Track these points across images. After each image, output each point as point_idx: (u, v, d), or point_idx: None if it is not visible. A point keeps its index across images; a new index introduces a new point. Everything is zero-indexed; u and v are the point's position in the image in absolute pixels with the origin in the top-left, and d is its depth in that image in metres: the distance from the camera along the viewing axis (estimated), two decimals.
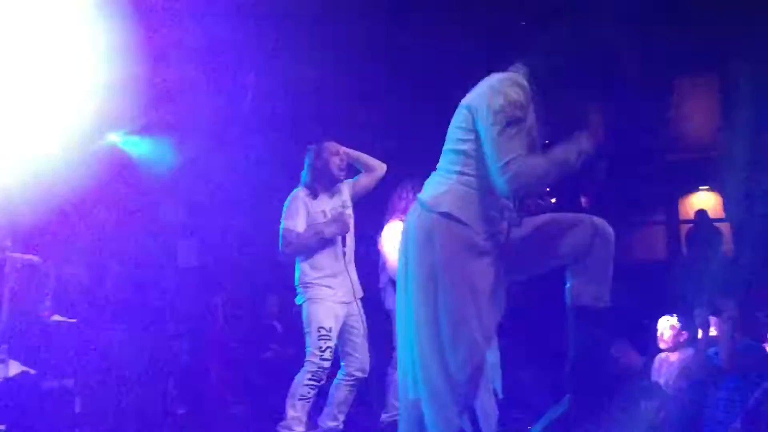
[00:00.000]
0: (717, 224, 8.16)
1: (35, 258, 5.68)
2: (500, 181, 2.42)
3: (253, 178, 6.88)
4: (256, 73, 6.64)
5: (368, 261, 5.50)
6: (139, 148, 7.32)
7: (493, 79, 2.50)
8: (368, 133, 6.60)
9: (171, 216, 7.55)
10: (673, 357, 5.12)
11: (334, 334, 4.31)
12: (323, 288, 4.38)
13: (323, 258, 4.43)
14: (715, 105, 8.19)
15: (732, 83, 7.50)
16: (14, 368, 4.78)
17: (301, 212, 4.42)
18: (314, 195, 4.47)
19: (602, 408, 2.72)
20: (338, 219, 4.41)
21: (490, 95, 2.45)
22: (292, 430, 4.22)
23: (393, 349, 5.18)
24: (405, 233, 2.60)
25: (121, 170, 7.17)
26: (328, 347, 4.25)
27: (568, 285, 2.70)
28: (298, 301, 4.48)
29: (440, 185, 2.55)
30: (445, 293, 2.45)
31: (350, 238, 4.55)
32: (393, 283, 5.17)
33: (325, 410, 4.46)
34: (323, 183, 4.51)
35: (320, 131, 4.87)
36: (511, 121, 2.39)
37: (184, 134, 7.09)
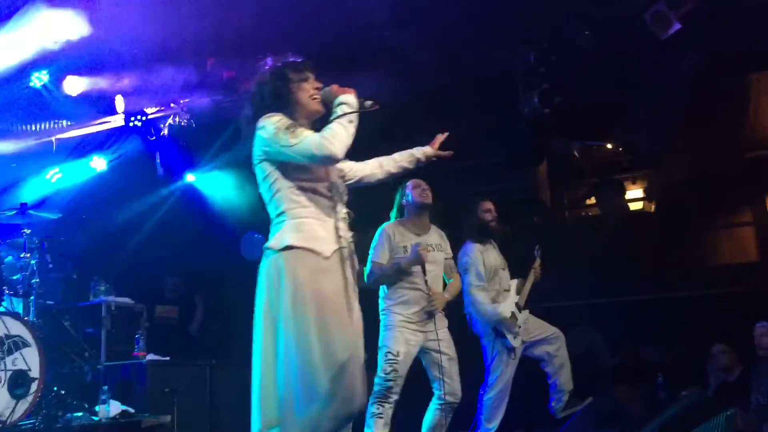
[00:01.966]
0: None
1: (128, 300, 5.93)
2: (325, 159, 2.79)
3: None
4: None
5: None
6: (214, 185, 7.56)
7: (256, 132, 2.90)
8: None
9: (251, 251, 7.74)
10: None
11: (402, 359, 4.42)
12: (396, 315, 4.52)
13: (401, 287, 4.55)
14: None
15: None
16: (115, 408, 4.97)
17: (384, 241, 4.60)
18: (405, 228, 4.64)
19: None
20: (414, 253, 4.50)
21: (262, 135, 2.85)
22: None
23: (485, 372, 5.17)
24: (260, 281, 2.82)
25: (199, 208, 7.43)
26: (393, 370, 4.40)
27: None
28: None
29: (276, 230, 2.84)
30: (308, 318, 2.67)
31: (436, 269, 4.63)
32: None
33: None
34: (409, 216, 4.69)
35: None
36: (289, 127, 2.81)
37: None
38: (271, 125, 2.83)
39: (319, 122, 2.95)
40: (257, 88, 3.02)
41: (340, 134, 2.79)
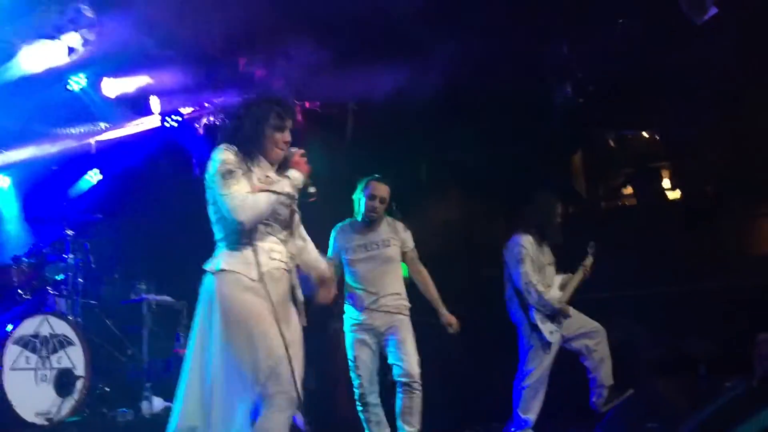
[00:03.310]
0: None
1: (168, 298, 6.03)
2: (234, 220, 3.01)
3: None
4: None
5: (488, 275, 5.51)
6: None
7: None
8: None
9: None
10: None
11: (360, 363, 4.56)
12: (347, 318, 4.67)
13: (348, 288, 4.65)
14: None
15: None
16: (158, 404, 5.07)
17: (332, 247, 4.71)
18: (351, 229, 4.72)
19: None
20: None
21: (208, 166, 3.11)
22: None
23: (518, 362, 5.16)
24: (199, 298, 3.12)
25: None
26: (356, 376, 4.57)
27: None
28: None
29: (215, 254, 3.15)
30: (238, 331, 2.98)
31: (387, 265, 4.67)
32: (518, 293, 5.16)
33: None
34: (360, 219, 4.72)
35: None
36: (225, 174, 3.03)
37: None
38: (215, 162, 3.08)
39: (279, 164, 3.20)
40: (236, 116, 3.25)
41: (260, 207, 3.03)
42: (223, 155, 3.09)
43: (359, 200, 4.69)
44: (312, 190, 3.19)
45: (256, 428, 2.97)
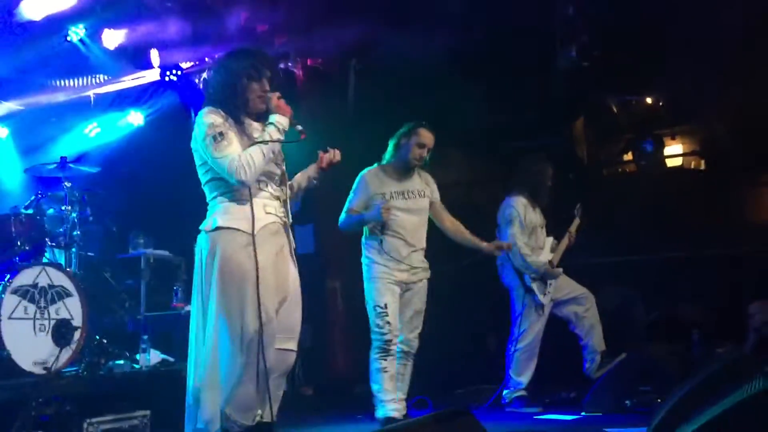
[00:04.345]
0: None
1: (166, 253, 6.05)
2: (235, 181, 3.03)
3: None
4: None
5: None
6: None
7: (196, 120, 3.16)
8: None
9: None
10: None
11: (391, 310, 4.35)
12: (377, 265, 4.44)
13: (389, 238, 4.43)
14: None
15: None
16: (155, 357, 5.11)
17: (363, 192, 4.50)
18: (385, 174, 4.52)
19: None
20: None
21: (195, 130, 3.11)
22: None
23: (512, 324, 5.20)
24: (195, 258, 3.17)
25: None
26: (386, 323, 4.34)
27: None
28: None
29: (209, 213, 3.18)
30: (233, 289, 3.02)
31: (422, 217, 4.53)
32: (509, 258, 5.18)
33: None
34: (395, 162, 4.54)
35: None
36: (216, 137, 3.03)
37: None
38: (203, 126, 3.07)
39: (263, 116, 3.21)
40: (213, 73, 3.25)
41: (257, 162, 3.03)
42: (209, 118, 3.09)
43: (403, 146, 4.49)
44: (299, 128, 3.16)
45: (228, 394, 3.02)
